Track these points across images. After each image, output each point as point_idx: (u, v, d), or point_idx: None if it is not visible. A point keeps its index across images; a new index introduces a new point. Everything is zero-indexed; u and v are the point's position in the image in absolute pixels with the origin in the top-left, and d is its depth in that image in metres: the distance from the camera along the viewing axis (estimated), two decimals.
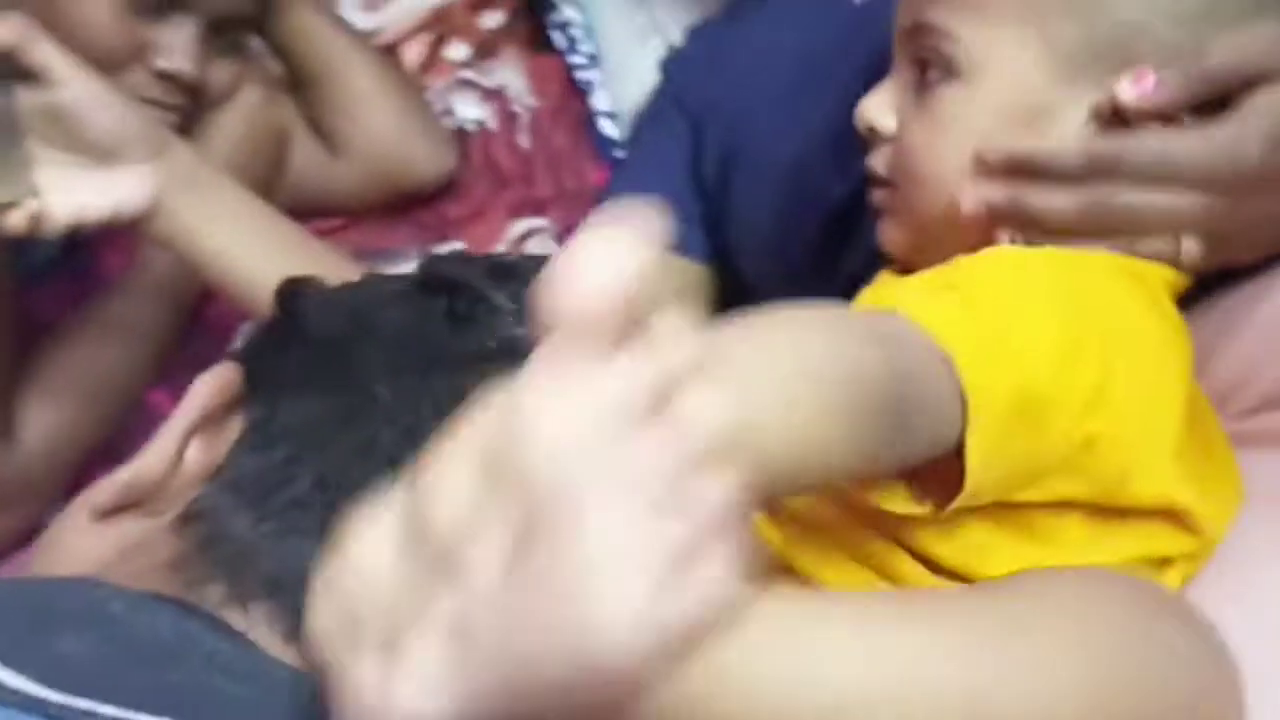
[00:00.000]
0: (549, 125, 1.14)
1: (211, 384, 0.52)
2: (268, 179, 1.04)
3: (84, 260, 1.03)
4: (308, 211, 1.07)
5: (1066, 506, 0.51)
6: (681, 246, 0.92)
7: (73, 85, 0.75)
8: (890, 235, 0.66)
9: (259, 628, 0.44)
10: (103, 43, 0.88)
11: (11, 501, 0.90)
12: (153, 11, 0.90)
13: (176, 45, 0.91)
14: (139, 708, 0.37)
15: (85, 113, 0.75)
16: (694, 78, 0.96)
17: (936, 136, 0.61)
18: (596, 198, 1.05)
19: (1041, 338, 0.49)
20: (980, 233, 0.61)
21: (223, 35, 0.96)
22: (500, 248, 1.05)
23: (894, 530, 0.51)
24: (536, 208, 1.08)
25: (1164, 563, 0.54)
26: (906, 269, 0.65)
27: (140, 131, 0.78)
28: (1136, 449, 0.50)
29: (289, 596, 0.44)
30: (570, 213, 1.06)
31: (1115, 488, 0.50)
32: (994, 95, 0.60)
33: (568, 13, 1.19)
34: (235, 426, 0.51)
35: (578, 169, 1.11)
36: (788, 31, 0.86)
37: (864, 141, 0.66)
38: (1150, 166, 0.57)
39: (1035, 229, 0.60)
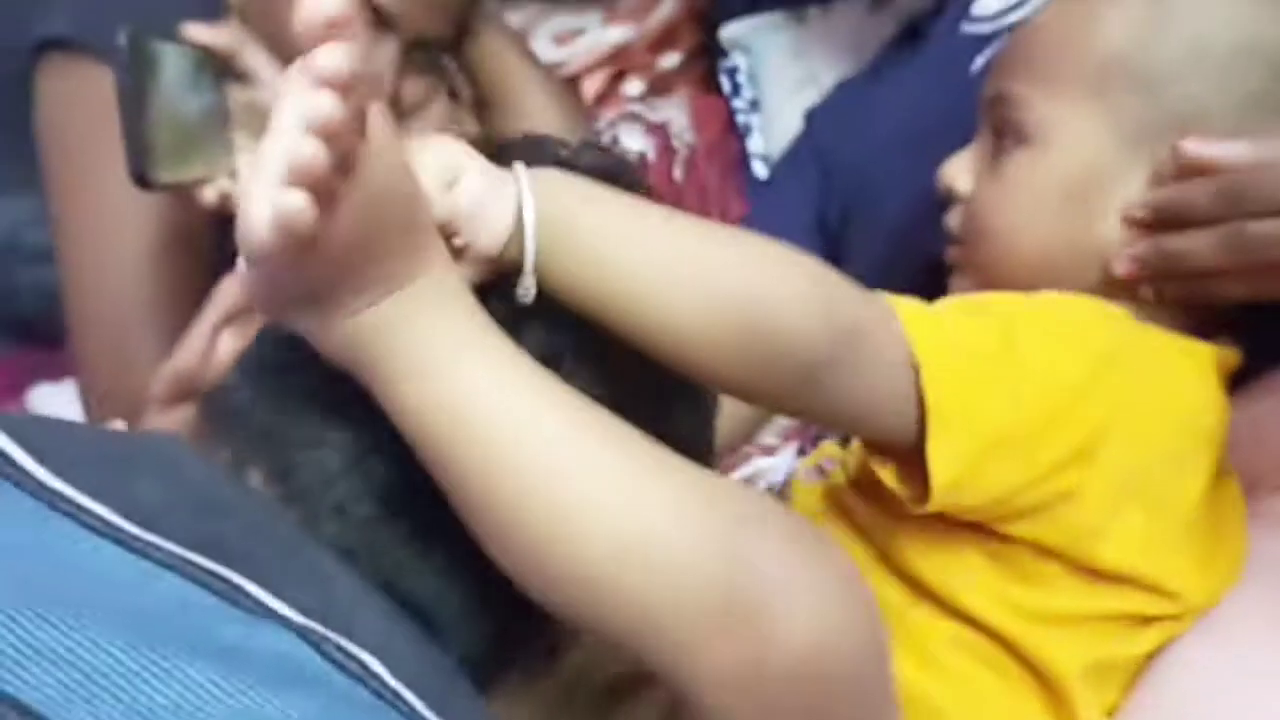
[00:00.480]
0: (704, 162, 1.22)
1: (237, 283, 0.62)
2: None
3: None
4: None
5: (1047, 554, 0.55)
6: None
7: (274, 86, 0.87)
8: (959, 290, 0.71)
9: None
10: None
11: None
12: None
13: (377, 61, 1.04)
14: (198, 549, 0.47)
15: None
16: (829, 129, 1.03)
17: (1005, 198, 0.67)
18: None
19: (1051, 382, 0.54)
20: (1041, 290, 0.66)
21: (419, 54, 1.08)
22: None
23: (884, 542, 0.57)
24: None
25: (1146, 621, 0.58)
26: None
27: None
28: (1111, 513, 0.55)
29: (276, 452, 0.54)
30: None
31: (1086, 545, 0.55)
32: (1061, 161, 0.66)
33: (736, 59, 1.27)
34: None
35: (724, 204, 1.19)
36: (911, 94, 0.92)
37: (945, 201, 0.72)
38: (1274, 193, 0.61)
39: (1181, 277, 0.64)
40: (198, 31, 0.83)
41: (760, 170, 1.20)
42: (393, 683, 0.46)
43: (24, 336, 1.08)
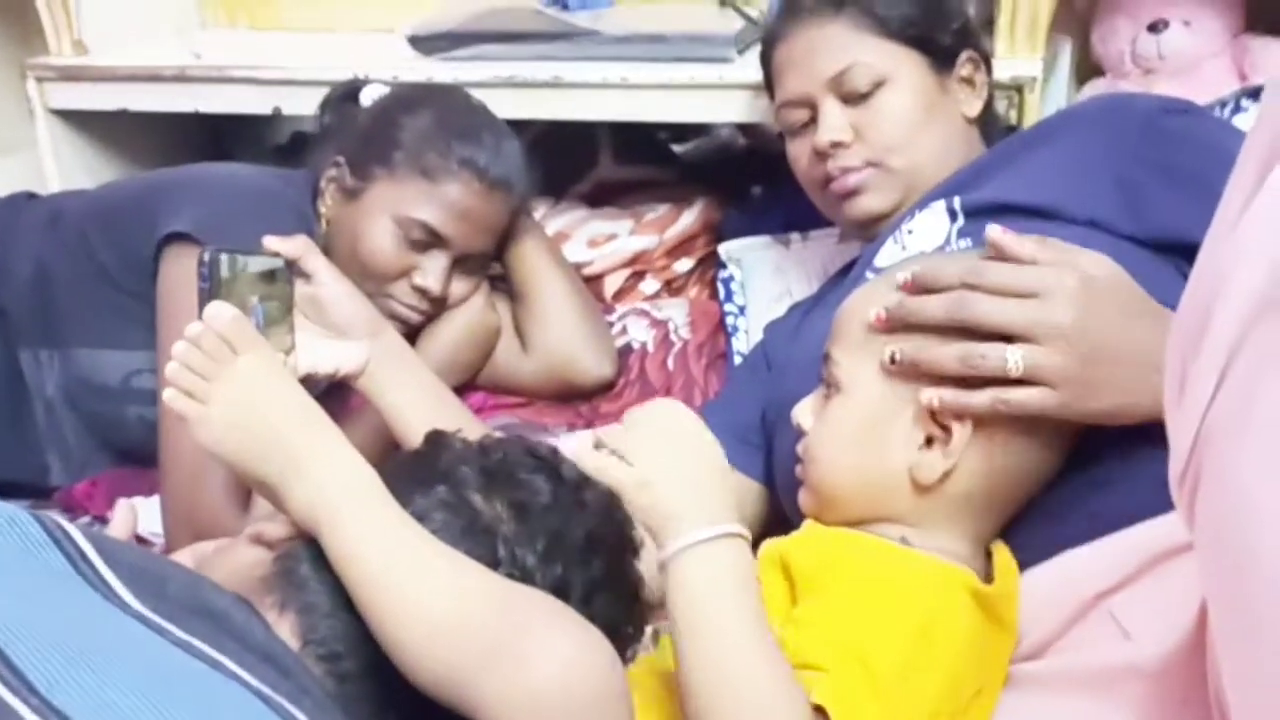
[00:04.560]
0: (694, 355, 1.46)
1: None
2: (476, 361, 1.42)
3: (343, 395, 1.42)
4: (500, 388, 1.44)
5: None
6: (745, 468, 1.20)
7: (329, 285, 1.14)
8: (802, 499, 0.93)
9: (281, 625, 0.77)
10: (383, 262, 1.29)
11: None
12: (420, 247, 1.29)
13: (431, 271, 1.30)
14: (200, 638, 0.70)
15: (332, 303, 1.13)
16: (779, 340, 1.25)
17: (826, 434, 0.90)
18: None
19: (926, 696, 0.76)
20: (860, 505, 0.87)
21: (465, 263, 1.34)
22: None
23: None
24: None
25: None
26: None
27: (366, 320, 1.15)
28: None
29: (309, 614, 0.77)
30: None
31: None
32: (855, 404, 0.87)
33: (732, 270, 1.52)
34: None
35: (706, 391, 1.42)
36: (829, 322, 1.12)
37: (797, 434, 0.93)
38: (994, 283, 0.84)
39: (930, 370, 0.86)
40: (272, 242, 1.10)
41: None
42: None
43: (126, 459, 1.34)
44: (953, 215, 1.09)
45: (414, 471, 0.86)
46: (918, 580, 0.80)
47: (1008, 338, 0.84)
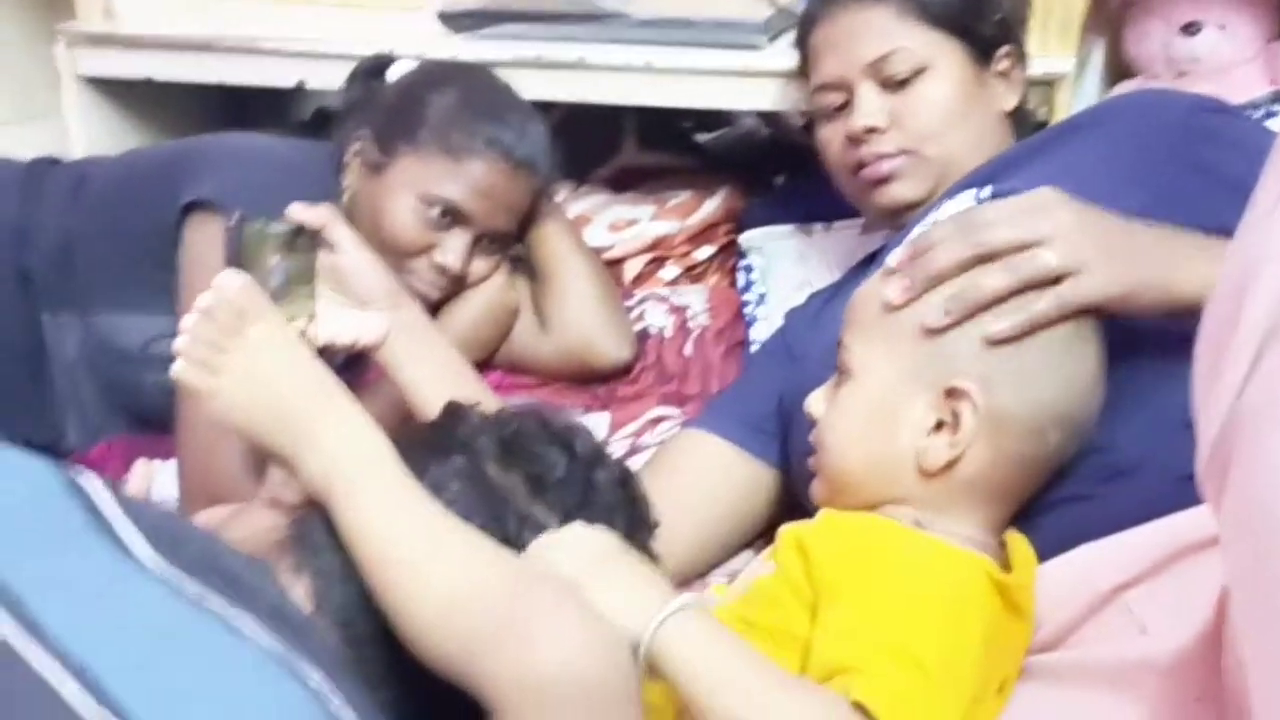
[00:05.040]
0: (711, 342, 1.45)
1: None
2: (493, 340, 1.41)
3: (361, 368, 1.42)
4: (516, 368, 1.43)
5: None
6: (760, 454, 1.20)
7: (352, 255, 1.14)
8: (814, 489, 0.93)
9: (295, 588, 0.77)
10: (405, 238, 1.28)
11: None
12: (441, 225, 1.29)
13: (452, 249, 1.30)
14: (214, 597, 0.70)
15: (354, 274, 1.13)
16: (799, 328, 1.25)
17: (836, 419, 0.89)
18: None
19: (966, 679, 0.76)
20: (869, 489, 0.87)
21: (487, 242, 1.34)
22: (637, 424, 1.35)
23: None
24: (679, 400, 1.39)
25: None
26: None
27: (387, 292, 1.15)
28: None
29: (324, 578, 0.78)
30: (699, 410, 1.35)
31: None
32: (864, 391, 0.87)
33: (752, 259, 1.51)
34: None
35: (723, 378, 1.41)
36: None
37: (810, 423, 0.93)
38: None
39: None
40: (296, 210, 1.10)
41: None
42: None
43: (143, 425, 1.34)
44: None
45: (431, 441, 0.85)
46: (939, 564, 0.79)
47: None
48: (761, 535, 1.21)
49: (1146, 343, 0.91)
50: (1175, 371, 0.93)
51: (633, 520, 0.85)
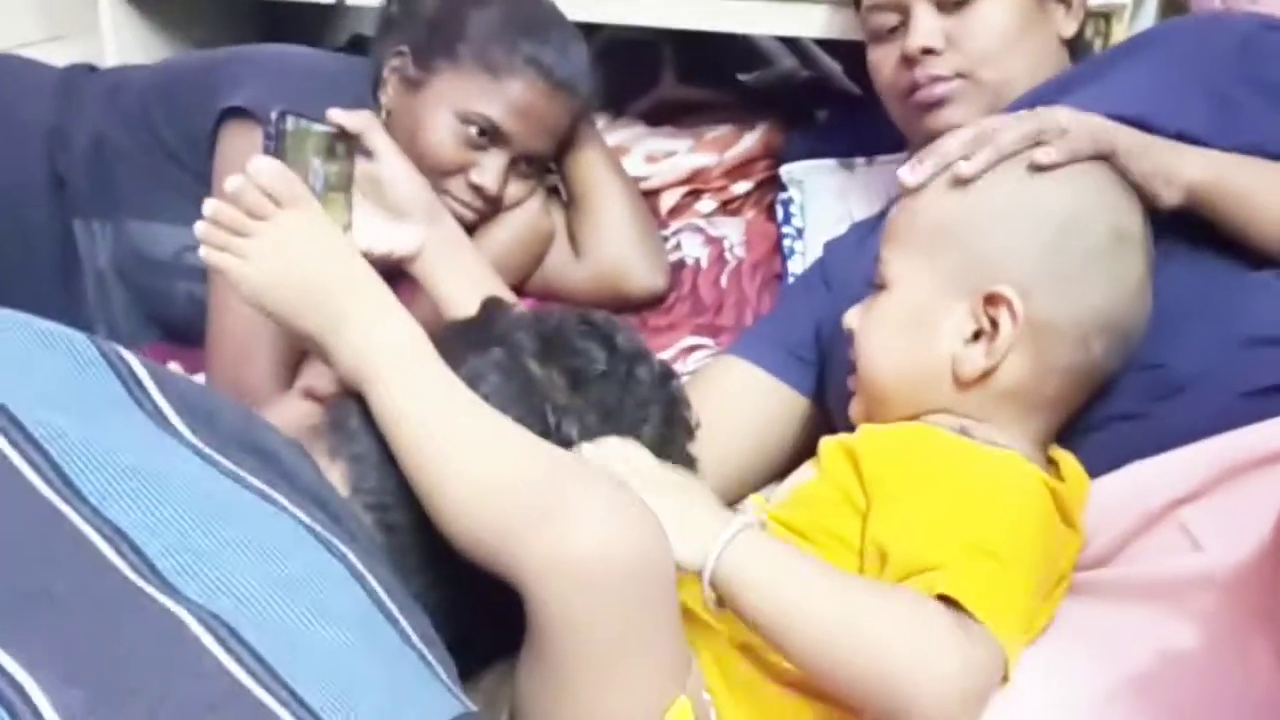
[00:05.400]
0: (747, 274, 1.43)
1: None
2: (527, 265, 1.39)
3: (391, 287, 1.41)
4: (549, 295, 1.41)
5: None
6: (796, 382, 1.18)
7: (390, 163, 1.12)
8: (853, 408, 0.91)
9: (331, 473, 0.76)
10: (442, 156, 1.26)
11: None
12: (479, 144, 1.27)
13: (489, 169, 1.28)
14: (251, 473, 0.69)
15: (392, 183, 1.12)
16: (839, 258, 1.22)
17: (870, 330, 0.88)
18: None
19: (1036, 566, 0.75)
20: (905, 399, 0.86)
21: (524, 164, 1.32)
22: (670, 352, 1.33)
23: None
24: (713, 332, 1.37)
25: None
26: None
27: (425, 203, 1.14)
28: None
29: (359, 463, 0.76)
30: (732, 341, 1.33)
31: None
32: (904, 300, 0.85)
33: (792, 193, 1.49)
34: None
35: (758, 312, 1.39)
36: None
37: (849, 340, 0.91)
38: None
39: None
40: (336, 114, 1.08)
41: None
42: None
43: (173, 336, 1.34)
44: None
45: (470, 334, 0.84)
46: (991, 463, 0.78)
47: None
48: (789, 468, 1.20)
49: (1203, 259, 0.89)
50: (1232, 288, 0.92)
51: (671, 418, 0.84)
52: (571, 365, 0.81)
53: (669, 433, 0.83)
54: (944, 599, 0.70)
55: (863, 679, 0.70)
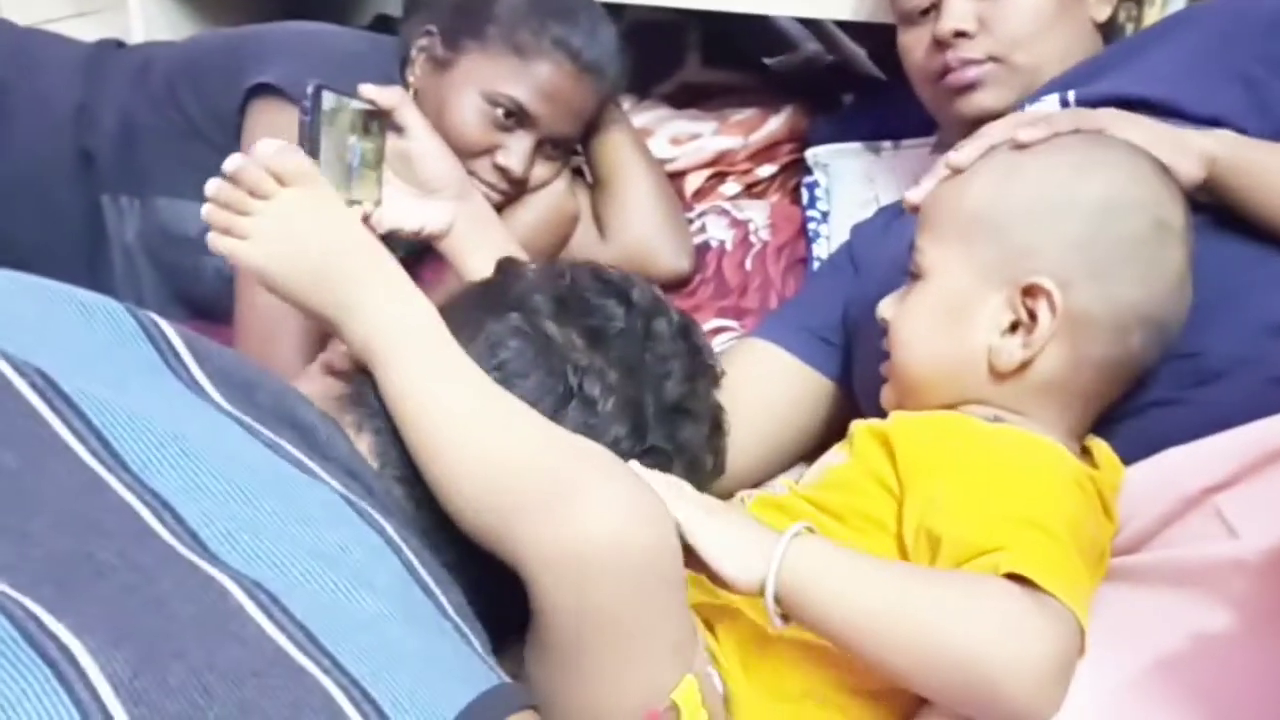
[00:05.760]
0: (772, 257, 1.43)
1: None
2: (552, 246, 1.39)
3: (415, 267, 1.41)
4: None
5: None
6: (822, 365, 1.18)
7: (421, 140, 1.12)
8: (884, 394, 0.91)
9: (361, 443, 0.76)
10: (468, 137, 1.26)
11: None
12: (505, 125, 1.27)
13: (515, 151, 1.28)
14: (288, 444, 0.69)
15: (423, 160, 1.11)
16: (866, 241, 1.22)
17: (906, 319, 0.87)
18: None
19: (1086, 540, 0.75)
20: (939, 390, 0.85)
21: (550, 146, 1.32)
22: None
23: None
24: (737, 314, 1.37)
25: None
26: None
27: (455, 181, 1.13)
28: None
29: (384, 436, 0.77)
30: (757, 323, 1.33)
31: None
32: (940, 290, 0.85)
33: (817, 176, 1.48)
34: None
35: (782, 295, 1.39)
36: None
37: (883, 329, 0.91)
38: None
39: None
40: (368, 89, 1.08)
41: None
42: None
43: (200, 313, 1.34)
44: (1066, 108, 1.05)
45: (486, 299, 0.84)
46: (1029, 447, 0.78)
47: None
48: (815, 451, 1.19)
49: (1238, 246, 0.89)
50: (1266, 275, 0.92)
51: (693, 369, 0.83)
52: (589, 324, 0.81)
53: (693, 386, 0.82)
54: (1012, 578, 0.69)
55: (952, 672, 0.69)
